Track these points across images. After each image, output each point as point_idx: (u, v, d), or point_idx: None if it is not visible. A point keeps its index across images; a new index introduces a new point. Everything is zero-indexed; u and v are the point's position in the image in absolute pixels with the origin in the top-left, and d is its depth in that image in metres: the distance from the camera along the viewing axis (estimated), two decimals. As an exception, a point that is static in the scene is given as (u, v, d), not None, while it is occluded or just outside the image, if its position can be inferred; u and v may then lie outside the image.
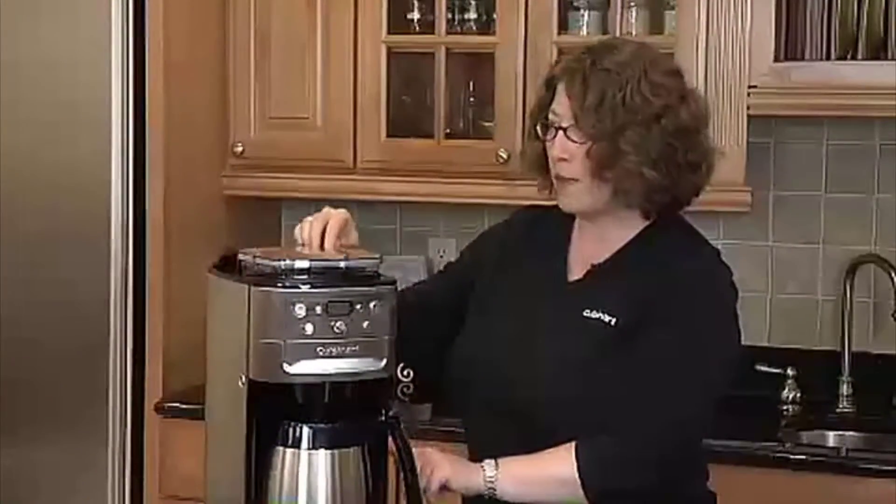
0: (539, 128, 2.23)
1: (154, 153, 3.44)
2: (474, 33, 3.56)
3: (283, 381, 1.97)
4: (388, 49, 3.54)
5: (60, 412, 3.47)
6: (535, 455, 2.14)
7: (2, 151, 3.46)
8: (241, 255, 2.07)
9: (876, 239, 3.54)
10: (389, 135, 3.56)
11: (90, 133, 3.40)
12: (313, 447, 2.03)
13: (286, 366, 1.96)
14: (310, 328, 1.95)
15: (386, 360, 2.01)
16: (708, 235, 2.30)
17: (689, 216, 2.29)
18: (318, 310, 1.95)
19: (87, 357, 3.43)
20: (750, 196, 3.33)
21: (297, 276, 1.98)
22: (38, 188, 3.45)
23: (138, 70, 3.41)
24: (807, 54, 3.33)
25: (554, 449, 2.12)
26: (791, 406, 3.47)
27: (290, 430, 2.03)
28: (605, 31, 3.38)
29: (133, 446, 3.46)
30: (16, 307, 3.47)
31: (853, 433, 3.41)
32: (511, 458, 2.14)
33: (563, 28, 3.42)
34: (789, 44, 3.33)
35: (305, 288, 1.97)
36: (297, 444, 2.03)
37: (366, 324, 1.98)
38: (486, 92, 3.54)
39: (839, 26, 3.30)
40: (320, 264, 2.01)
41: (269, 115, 3.62)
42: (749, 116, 3.29)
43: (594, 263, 2.24)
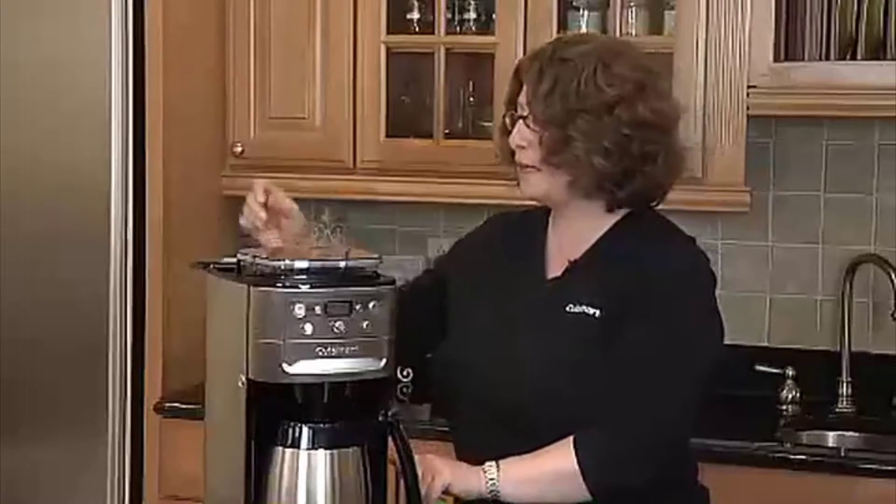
0: (507, 119, 2.25)
1: (153, 153, 3.44)
2: (474, 33, 3.56)
3: (282, 381, 1.97)
4: (388, 49, 3.54)
5: (60, 412, 3.47)
6: (534, 454, 2.13)
7: (2, 151, 3.46)
8: (240, 254, 2.07)
9: (875, 239, 3.54)
10: (389, 135, 3.56)
11: (90, 133, 3.40)
12: (313, 447, 2.03)
13: (286, 366, 1.96)
14: (309, 328, 1.95)
15: (385, 360, 2.01)
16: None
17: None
18: (318, 310, 1.95)
19: (86, 357, 3.43)
20: (749, 196, 3.32)
21: (296, 276, 1.98)
22: (38, 188, 3.46)
23: (138, 70, 3.41)
24: (806, 54, 3.33)
25: (552, 445, 2.12)
26: (790, 406, 3.47)
27: (290, 430, 2.03)
28: (604, 31, 3.38)
29: (133, 446, 3.46)
30: (16, 307, 3.47)
31: (852, 433, 3.40)
32: (511, 459, 2.14)
33: (563, 28, 3.41)
34: (789, 44, 3.34)
35: (305, 288, 1.97)
36: (296, 444, 2.03)
37: (365, 324, 1.98)
38: (486, 92, 3.54)
39: (838, 26, 3.31)
40: (319, 264, 2.01)
41: (268, 115, 3.62)
42: (748, 116, 3.29)
43: (571, 260, 2.24)
